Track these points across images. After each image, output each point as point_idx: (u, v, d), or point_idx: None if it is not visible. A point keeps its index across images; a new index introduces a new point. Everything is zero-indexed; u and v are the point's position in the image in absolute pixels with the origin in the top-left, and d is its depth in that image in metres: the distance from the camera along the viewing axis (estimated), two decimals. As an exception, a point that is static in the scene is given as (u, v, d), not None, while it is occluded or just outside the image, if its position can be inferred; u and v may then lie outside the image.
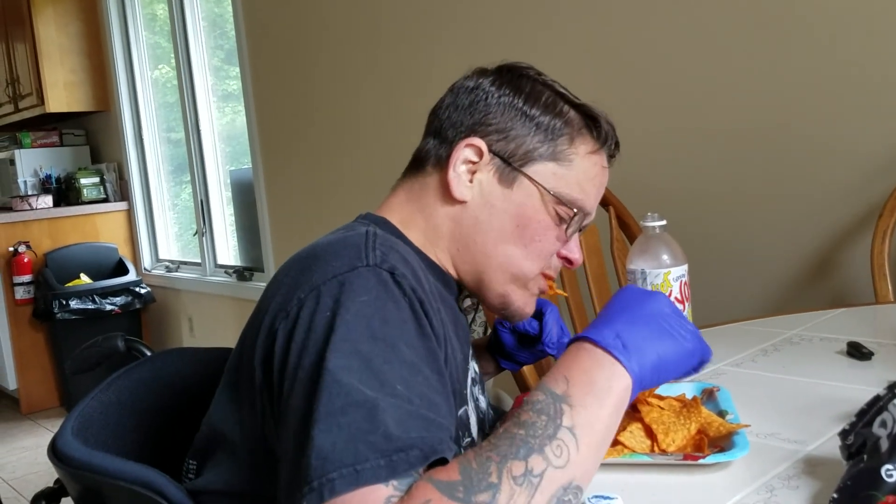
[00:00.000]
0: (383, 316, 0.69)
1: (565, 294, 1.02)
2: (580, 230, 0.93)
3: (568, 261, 0.93)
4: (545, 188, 0.87)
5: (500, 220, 0.88)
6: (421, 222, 0.91)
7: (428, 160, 0.92)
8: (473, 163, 0.88)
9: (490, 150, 0.87)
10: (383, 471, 0.58)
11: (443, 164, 0.89)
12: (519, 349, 1.10)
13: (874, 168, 1.77)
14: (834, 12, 1.79)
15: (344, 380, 0.63)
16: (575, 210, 0.88)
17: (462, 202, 0.89)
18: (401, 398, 0.63)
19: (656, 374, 0.70)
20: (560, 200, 0.87)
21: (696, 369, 0.74)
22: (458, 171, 0.88)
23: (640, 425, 0.87)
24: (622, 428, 0.86)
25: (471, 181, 0.88)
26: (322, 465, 0.59)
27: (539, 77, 0.91)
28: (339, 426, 0.60)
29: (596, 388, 0.66)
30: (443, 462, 0.62)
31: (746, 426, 0.85)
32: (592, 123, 0.90)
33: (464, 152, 0.88)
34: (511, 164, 0.87)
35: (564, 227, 0.89)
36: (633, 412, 0.89)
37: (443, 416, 0.65)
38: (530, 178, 0.87)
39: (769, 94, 1.92)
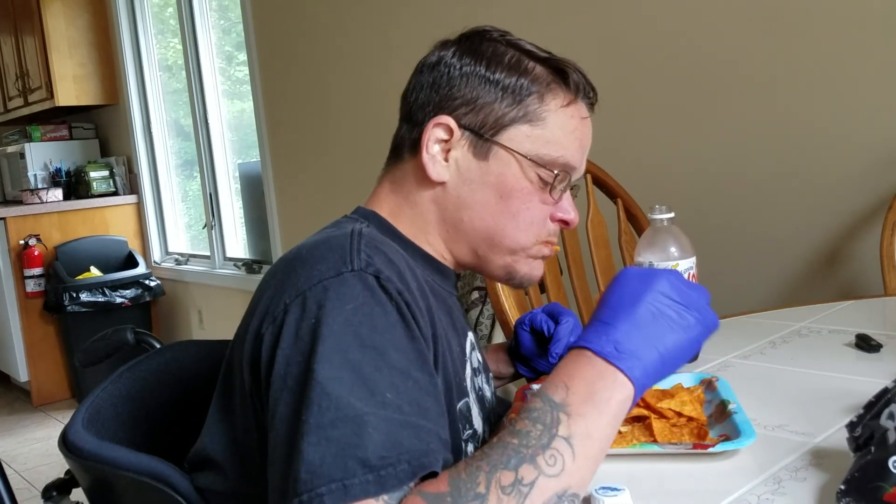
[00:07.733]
0: (371, 322, 0.68)
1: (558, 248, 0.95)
2: (571, 189, 0.89)
3: (564, 222, 0.90)
4: (521, 153, 0.84)
5: (482, 195, 0.86)
6: (408, 211, 0.89)
7: (404, 146, 0.90)
8: (446, 141, 0.86)
9: (460, 125, 0.85)
10: (372, 486, 0.59)
11: (417, 147, 0.87)
12: (537, 354, 1.08)
13: (884, 160, 1.76)
14: (847, 2, 1.78)
15: (334, 392, 0.63)
16: (555, 171, 0.85)
17: (441, 183, 0.87)
18: (391, 408, 0.63)
19: (659, 374, 0.68)
20: (539, 163, 0.85)
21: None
22: (431, 153, 0.86)
23: (640, 426, 0.87)
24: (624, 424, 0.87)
25: (446, 160, 0.86)
26: (311, 479, 0.59)
27: (502, 38, 0.88)
28: (328, 440, 0.61)
29: (596, 397, 0.65)
30: (434, 475, 0.62)
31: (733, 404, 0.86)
32: (561, 76, 0.87)
33: (434, 132, 0.86)
34: (483, 136, 0.85)
35: (549, 189, 0.86)
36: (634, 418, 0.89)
37: (433, 419, 0.66)
38: (504, 147, 0.85)
39: (778, 86, 1.91)
